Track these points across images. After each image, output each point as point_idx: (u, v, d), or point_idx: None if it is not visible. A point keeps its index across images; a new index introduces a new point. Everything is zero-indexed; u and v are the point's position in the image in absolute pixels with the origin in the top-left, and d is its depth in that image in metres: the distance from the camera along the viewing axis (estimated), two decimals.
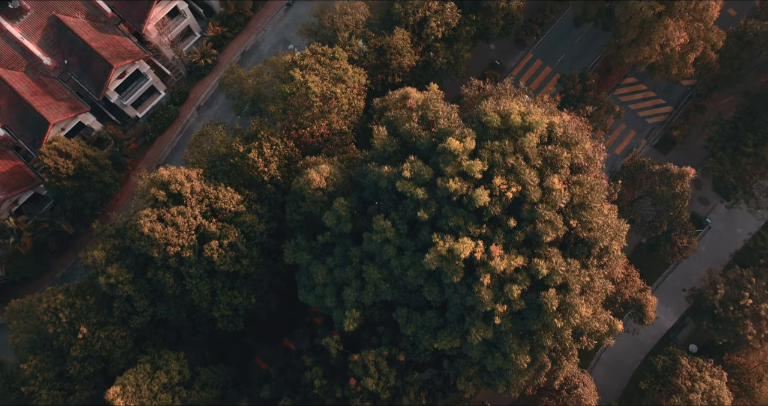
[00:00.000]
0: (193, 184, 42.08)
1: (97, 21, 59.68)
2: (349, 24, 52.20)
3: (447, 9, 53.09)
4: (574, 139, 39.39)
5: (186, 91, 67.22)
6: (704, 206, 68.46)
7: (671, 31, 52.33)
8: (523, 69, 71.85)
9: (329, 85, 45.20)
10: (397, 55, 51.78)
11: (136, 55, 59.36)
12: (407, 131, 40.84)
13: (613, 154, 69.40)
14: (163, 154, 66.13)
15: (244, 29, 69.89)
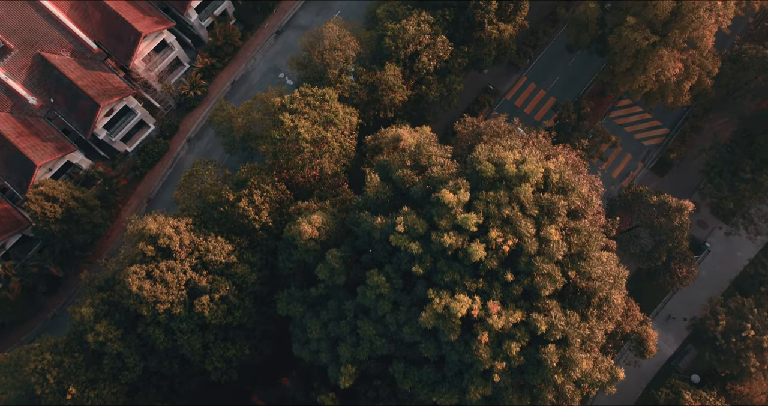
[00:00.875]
0: (182, 237, 41.14)
1: (83, 57, 58.65)
2: (339, 60, 51.33)
3: (438, 43, 52.26)
4: (570, 185, 38.58)
5: (176, 124, 66.22)
6: (703, 229, 67.76)
7: (666, 62, 51.58)
8: (517, 93, 71.06)
9: (320, 129, 44.32)
10: (389, 92, 50.93)
11: (123, 92, 58.38)
12: (400, 178, 39.98)
13: (609, 179, 68.67)
14: (153, 189, 65.10)
15: (233, 59, 68.94)
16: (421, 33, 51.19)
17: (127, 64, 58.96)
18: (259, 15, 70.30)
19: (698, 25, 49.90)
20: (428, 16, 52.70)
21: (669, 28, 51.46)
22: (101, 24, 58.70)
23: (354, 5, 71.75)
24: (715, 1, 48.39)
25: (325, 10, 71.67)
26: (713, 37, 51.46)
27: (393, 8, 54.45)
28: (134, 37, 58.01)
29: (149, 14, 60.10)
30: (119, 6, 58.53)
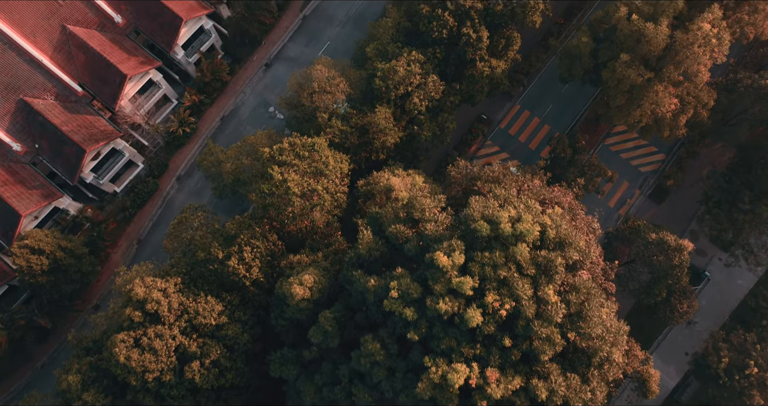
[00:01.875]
0: (170, 300, 40.02)
1: (68, 101, 57.48)
2: (329, 103, 50.30)
3: (429, 83, 51.26)
4: (567, 240, 37.61)
5: (165, 163, 65.03)
6: (702, 257, 66.88)
7: (661, 97, 50.69)
8: (511, 121, 70.08)
9: (310, 181, 43.27)
10: (380, 135, 49.91)
11: (109, 135, 57.24)
12: (393, 234, 38.96)
13: (606, 207, 67.80)
14: (144, 230, 63.89)
15: (222, 93, 67.80)
16: (411, 74, 50.22)
17: (113, 107, 57.81)
18: (247, 48, 69.23)
19: (692, 61, 49.04)
20: (418, 55, 51.73)
21: (663, 63, 50.61)
22: (85, 66, 57.56)
23: (343, 36, 70.83)
24: (710, 38, 47.52)
25: (314, 42, 70.66)
26: (708, 73, 50.58)
27: (382, 47, 53.47)
28: (119, 79, 56.88)
29: (134, 54, 58.97)
30: (103, 47, 57.41)
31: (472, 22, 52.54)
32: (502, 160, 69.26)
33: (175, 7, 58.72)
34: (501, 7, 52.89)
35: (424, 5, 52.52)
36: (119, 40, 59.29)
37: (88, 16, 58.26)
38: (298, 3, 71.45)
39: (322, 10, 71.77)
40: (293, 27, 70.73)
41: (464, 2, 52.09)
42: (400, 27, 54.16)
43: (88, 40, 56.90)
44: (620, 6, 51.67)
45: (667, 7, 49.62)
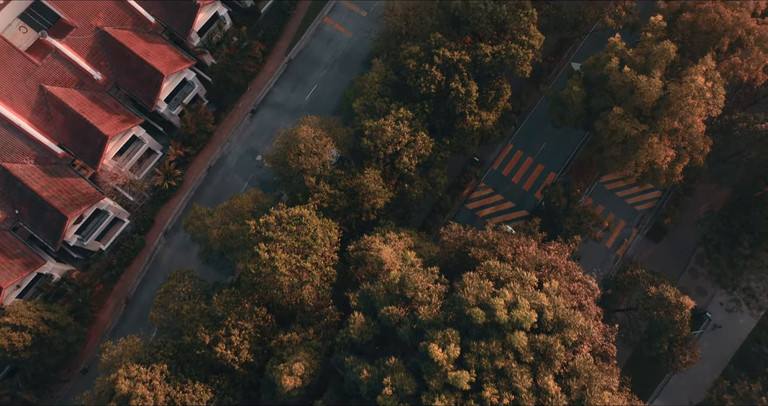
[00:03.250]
0: (156, 393, 38.51)
1: (48, 163, 55.88)
2: (316, 165, 48.88)
3: (419, 140, 49.91)
4: (566, 321, 36.31)
5: (151, 218, 63.44)
6: (702, 296, 65.72)
7: (657, 150, 49.48)
8: (504, 161, 68.79)
9: (298, 258, 41.84)
10: (370, 197, 48.50)
11: (92, 198, 55.65)
12: (386, 316, 37.59)
13: (603, 248, 66.60)
14: (131, 288, 62.24)
15: (208, 143, 66.24)
16: (400, 133, 48.86)
17: (95, 167, 56.22)
18: (232, 95, 67.72)
19: (687, 112, 47.86)
20: (406, 112, 50.38)
21: (658, 114, 49.41)
22: (65, 126, 55.99)
23: (330, 78, 69.46)
24: (704, 92, 46.34)
25: (301, 86, 69.24)
26: (703, 125, 49.39)
27: (369, 102, 52.13)
28: (100, 140, 55.32)
29: (115, 112, 57.43)
30: (83, 107, 55.85)
31: (460, 76, 51.26)
32: (496, 203, 68.14)
33: (155, 63, 57.22)
34: (490, 59, 51.61)
35: (411, 60, 51.22)
36: (99, 97, 57.75)
37: (66, 74, 56.72)
38: (283, 45, 70.07)
39: (308, 53, 70.39)
40: (278, 71, 69.31)
41: (452, 56, 50.83)
42: (387, 81, 52.85)
43: (66, 101, 55.33)
44: (611, 56, 50.51)
45: (659, 58, 48.45)
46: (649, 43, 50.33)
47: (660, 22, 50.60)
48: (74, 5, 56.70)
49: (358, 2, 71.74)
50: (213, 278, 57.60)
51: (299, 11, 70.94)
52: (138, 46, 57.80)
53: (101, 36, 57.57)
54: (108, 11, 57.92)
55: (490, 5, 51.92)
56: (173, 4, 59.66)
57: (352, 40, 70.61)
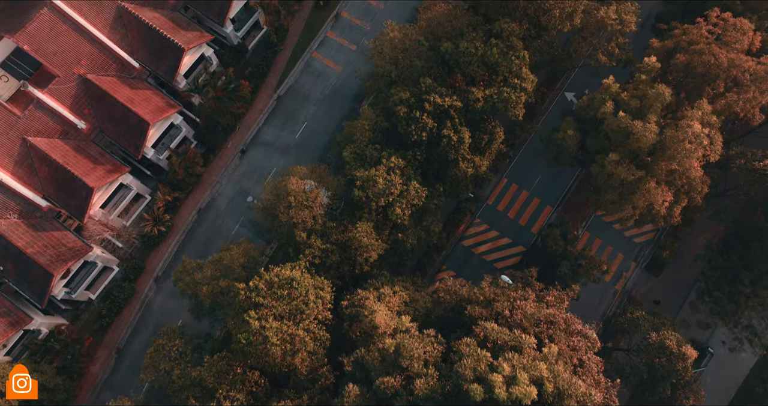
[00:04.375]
0: None
1: (32, 217, 54.56)
2: (307, 220, 47.72)
3: (411, 190, 48.80)
4: (567, 391, 35.27)
5: (141, 265, 62.15)
6: (704, 330, 64.85)
7: (654, 195, 48.51)
8: (499, 196, 67.74)
9: (290, 325, 40.69)
10: (363, 251, 47.37)
11: (79, 252, 54.34)
12: (381, 389, 36.48)
13: (602, 282, 65.56)
14: (122, 338, 60.88)
15: (197, 185, 64.98)
16: (391, 184, 47.74)
17: (81, 219, 54.92)
18: (221, 135, 66.47)
19: (684, 157, 46.90)
20: (398, 161, 49.27)
21: (654, 159, 48.45)
22: (50, 178, 54.68)
23: (321, 115, 68.30)
24: (702, 139, 45.39)
25: (291, 123, 68.03)
26: (701, 170, 48.46)
27: (360, 150, 51.01)
28: (86, 192, 54.04)
29: (101, 162, 56.15)
30: (67, 158, 54.54)
31: (452, 122, 50.21)
32: (492, 239, 67.05)
33: (140, 111, 55.96)
34: (482, 104, 50.57)
35: (401, 107, 50.14)
36: (84, 147, 56.47)
37: (49, 125, 55.44)
38: (272, 82, 68.85)
39: (297, 89, 69.21)
40: (268, 109, 68.09)
41: (443, 102, 49.77)
42: (377, 127, 51.75)
43: (50, 152, 54.03)
44: (606, 99, 49.53)
45: (654, 101, 47.52)
46: (644, 85, 49.42)
47: (654, 64, 49.68)
48: (56, 53, 55.40)
49: (347, 36, 70.64)
50: (205, 326, 56.46)
51: (287, 47, 69.74)
52: (122, 93, 56.54)
53: (84, 84, 56.30)
54: (91, 58, 56.63)
55: (481, 48, 50.90)
56: (158, 49, 58.38)
57: (341, 75, 69.46)
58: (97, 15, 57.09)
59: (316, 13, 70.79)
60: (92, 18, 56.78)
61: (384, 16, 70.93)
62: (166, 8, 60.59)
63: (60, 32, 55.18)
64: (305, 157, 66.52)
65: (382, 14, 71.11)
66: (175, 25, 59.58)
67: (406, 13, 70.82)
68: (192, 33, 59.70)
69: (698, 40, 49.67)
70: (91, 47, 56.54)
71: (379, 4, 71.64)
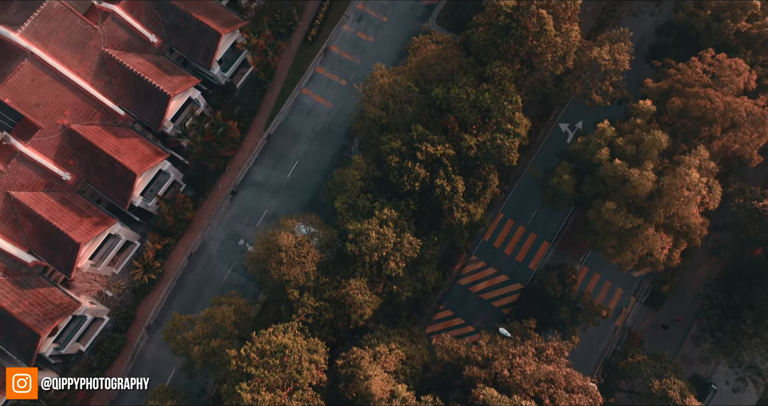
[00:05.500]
0: None
1: (18, 274, 53.24)
2: (299, 277, 46.56)
3: (405, 243, 47.69)
4: None
5: (132, 313, 60.86)
6: (706, 365, 63.87)
7: (653, 242, 47.55)
8: (495, 232, 66.65)
9: (284, 396, 39.53)
10: (357, 308, 46.23)
11: (67, 308, 53.05)
12: None
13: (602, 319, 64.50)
14: (115, 392, 59.56)
15: (187, 230, 63.73)
16: (385, 239, 46.63)
17: (68, 275, 53.63)
18: (211, 176, 65.25)
19: (682, 204, 45.95)
20: (391, 212, 48.16)
21: (652, 205, 47.49)
22: (35, 234, 53.42)
23: (312, 153, 67.12)
24: (701, 189, 44.45)
25: (282, 162, 66.84)
26: (701, 217, 47.51)
27: (352, 200, 49.87)
28: (72, 247, 52.77)
29: (88, 215, 54.89)
30: (52, 213, 53.28)
31: (445, 170, 49.15)
32: (489, 277, 65.97)
33: (126, 161, 54.76)
34: (475, 151, 49.54)
35: (393, 156, 49.05)
36: (70, 199, 55.22)
37: (33, 178, 54.18)
38: (262, 121, 67.66)
39: (287, 127, 68.05)
40: (258, 148, 66.92)
41: (435, 151, 48.72)
42: (369, 176, 50.63)
43: (34, 207, 52.77)
44: (601, 144, 48.56)
45: (650, 148, 46.57)
46: (639, 129, 48.49)
47: (649, 108, 48.75)
48: (38, 105, 54.14)
49: (337, 71, 69.52)
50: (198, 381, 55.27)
51: (276, 83, 68.59)
52: (108, 142, 55.32)
53: (68, 134, 55.06)
54: (74, 108, 55.41)
55: (473, 94, 49.91)
56: (143, 95, 57.20)
57: (332, 111, 68.34)
58: (80, 63, 55.88)
59: (305, 49, 69.68)
60: (75, 66, 55.58)
61: (374, 49, 70.00)
62: (151, 52, 59.41)
63: (42, 83, 53.98)
64: (297, 197, 65.43)
65: (371, 48, 70.10)
66: (161, 69, 58.40)
67: (397, 45, 69.81)
68: (178, 78, 58.53)
69: (693, 83, 48.77)
70: (75, 97, 55.33)
71: (368, 37, 70.56)
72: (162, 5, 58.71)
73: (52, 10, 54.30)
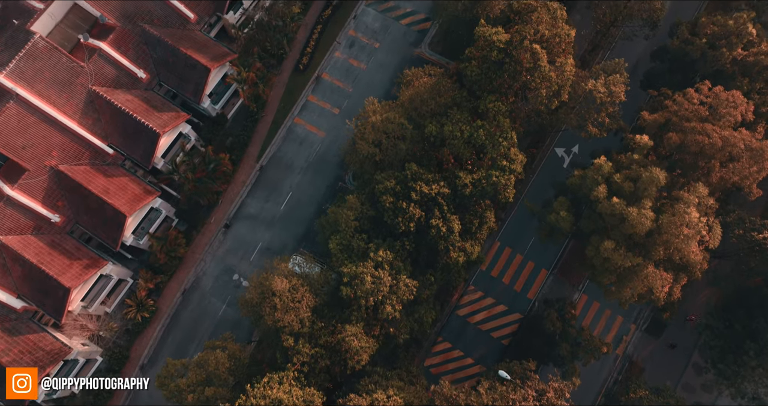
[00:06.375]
0: None
1: (7, 320, 52.26)
2: (294, 324, 45.67)
3: (402, 286, 46.84)
4: None
5: (125, 353, 59.86)
6: (708, 393, 63.13)
7: (653, 280, 46.81)
8: (493, 260, 65.80)
9: None
10: (353, 354, 45.36)
11: (58, 354, 52.04)
12: None
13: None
14: None
15: (180, 266, 62.76)
16: (380, 283, 45.77)
17: (59, 319, 52.62)
18: (203, 210, 64.29)
19: (681, 242, 45.20)
20: (386, 254, 47.29)
21: (651, 242, 46.74)
22: (24, 279, 52.40)
23: (305, 184, 66.20)
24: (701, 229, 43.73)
25: (275, 194, 65.89)
26: (700, 254, 46.76)
27: (347, 241, 49.00)
28: (63, 292, 51.78)
29: (77, 257, 53.90)
30: (41, 257, 52.27)
31: (440, 209, 48.34)
32: (488, 307, 65.14)
33: (116, 202, 53.80)
34: (470, 189, 48.72)
35: (387, 196, 48.21)
36: (59, 241, 54.21)
37: (21, 221, 53.19)
38: (254, 152, 66.72)
39: (280, 157, 67.13)
40: (251, 180, 65.98)
41: (430, 191, 47.90)
42: (363, 215, 49.77)
43: (22, 252, 51.76)
44: (599, 181, 47.78)
45: (648, 185, 45.81)
46: (637, 165, 47.76)
47: (646, 143, 48.04)
48: (25, 147, 53.16)
49: (329, 99, 68.65)
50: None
51: (268, 113, 67.68)
52: (97, 183, 54.35)
53: (57, 175, 54.10)
54: (62, 148, 54.46)
55: (467, 131, 49.13)
56: (132, 133, 56.27)
57: (325, 141, 67.47)
58: (68, 102, 54.93)
59: (296, 77, 68.82)
60: (62, 105, 54.62)
61: (366, 76, 69.18)
62: (140, 88, 58.49)
63: (28, 124, 53.03)
64: (291, 229, 64.50)
65: (364, 75, 69.28)
66: (150, 106, 57.48)
67: (390, 72, 69.02)
68: (167, 114, 57.62)
69: (690, 116, 48.06)
70: (62, 137, 54.39)
71: (360, 64, 69.74)
72: (150, 40, 57.80)
73: (38, 50, 53.36)
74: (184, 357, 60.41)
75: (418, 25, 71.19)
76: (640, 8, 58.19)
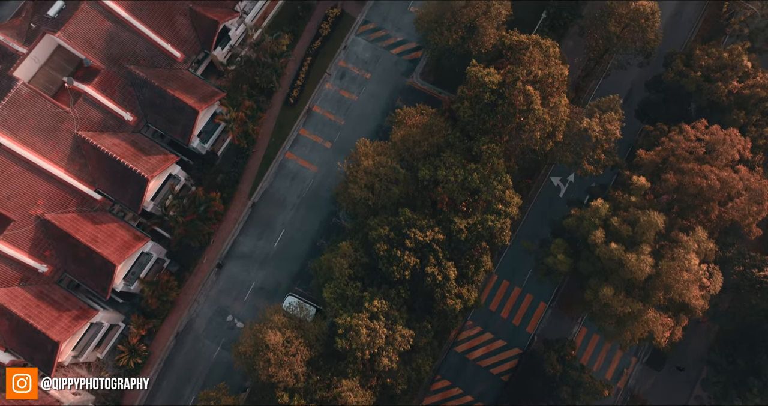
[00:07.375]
0: None
1: None
2: (288, 379, 44.59)
3: (398, 337, 45.79)
4: None
5: (119, 402, 58.63)
6: None
7: (654, 325, 45.96)
8: (491, 294, 64.82)
9: None
10: None
11: None
12: None
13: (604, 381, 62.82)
14: None
15: (173, 308, 61.62)
16: (376, 335, 44.79)
17: (49, 374, 51.46)
18: (195, 251, 63.16)
19: (681, 287, 44.36)
20: (381, 303, 46.33)
21: (651, 287, 45.90)
22: (11, 332, 51.16)
23: (298, 221, 65.11)
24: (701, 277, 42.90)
25: (268, 232, 64.80)
26: (702, 300, 45.91)
27: (341, 289, 48.00)
28: (52, 346, 50.62)
29: (66, 307, 52.74)
30: (29, 310, 51.07)
31: (435, 256, 47.38)
32: (486, 343, 64.12)
33: (104, 251, 52.64)
34: (466, 234, 47.80)
35: (381, 244, 47.24)
36: (47, 292, 53.04)
37: (7, 273, 51.98)
38: (245, 188, 65.62)
39: (272, 193, 66.04)
40: (243, 218, 64.88)
41: (424, 237, 46.96)
42: (357, 262, 48.79)
43: (9, 305, 50.55)
44: (596, 224, 46.93)
45: (646, 229, 44.96)
46: (634, 208, 46.92)
47: (643, 184, 47.20)
48: (10, 197, 52.03)
49: (321, 132, 67.61)
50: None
51: (259, 148, 66.63)
52: (85, 231, 53.21)
53: (43, 225, 52.95)
54: (48, 196, 53.33)
55: (461, 175, 48.22)
56: (120, 178, 55.13)
57: (317, 175, 66.41)
58: (53, 149, 53.80)
59: (287, 111, 67.83)
60: (48, 152, 53.49)
61: (358, 108, 68.22)
62: (127, 130, 57.40)
63: (12, 174, 51.92)
64: (285, 268, 63.42)
65: (355, 106, 68.32)
66: (137, 149, 56.40)
67: (381, 103, 68.11)
68: (156, 157, 56.53)
69: (687, 157, 47.25)
70: (48, 185, 53.26)
71: (352, 95, 68.76)
72: (136, 82, 56.72)
73: (21, 97, 52.27)
74: (180, 402, 59.49)
75: (410, 54, 70.28)
76: (633, 38, 57.40)
